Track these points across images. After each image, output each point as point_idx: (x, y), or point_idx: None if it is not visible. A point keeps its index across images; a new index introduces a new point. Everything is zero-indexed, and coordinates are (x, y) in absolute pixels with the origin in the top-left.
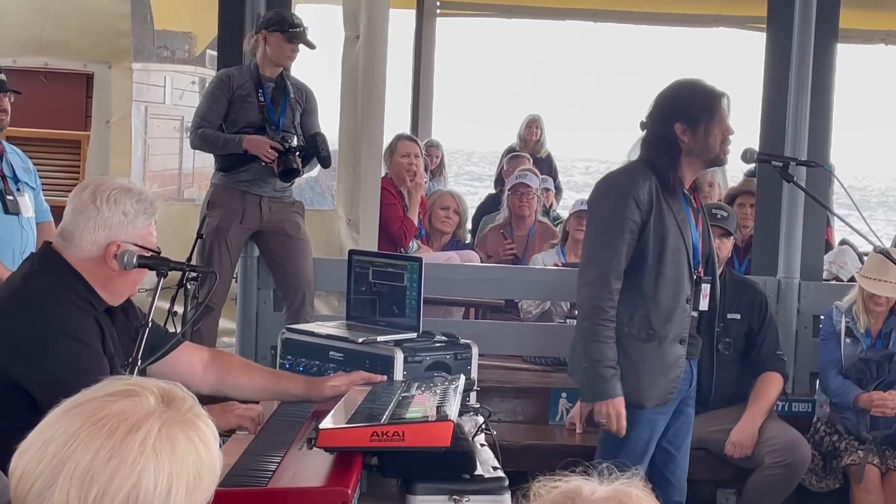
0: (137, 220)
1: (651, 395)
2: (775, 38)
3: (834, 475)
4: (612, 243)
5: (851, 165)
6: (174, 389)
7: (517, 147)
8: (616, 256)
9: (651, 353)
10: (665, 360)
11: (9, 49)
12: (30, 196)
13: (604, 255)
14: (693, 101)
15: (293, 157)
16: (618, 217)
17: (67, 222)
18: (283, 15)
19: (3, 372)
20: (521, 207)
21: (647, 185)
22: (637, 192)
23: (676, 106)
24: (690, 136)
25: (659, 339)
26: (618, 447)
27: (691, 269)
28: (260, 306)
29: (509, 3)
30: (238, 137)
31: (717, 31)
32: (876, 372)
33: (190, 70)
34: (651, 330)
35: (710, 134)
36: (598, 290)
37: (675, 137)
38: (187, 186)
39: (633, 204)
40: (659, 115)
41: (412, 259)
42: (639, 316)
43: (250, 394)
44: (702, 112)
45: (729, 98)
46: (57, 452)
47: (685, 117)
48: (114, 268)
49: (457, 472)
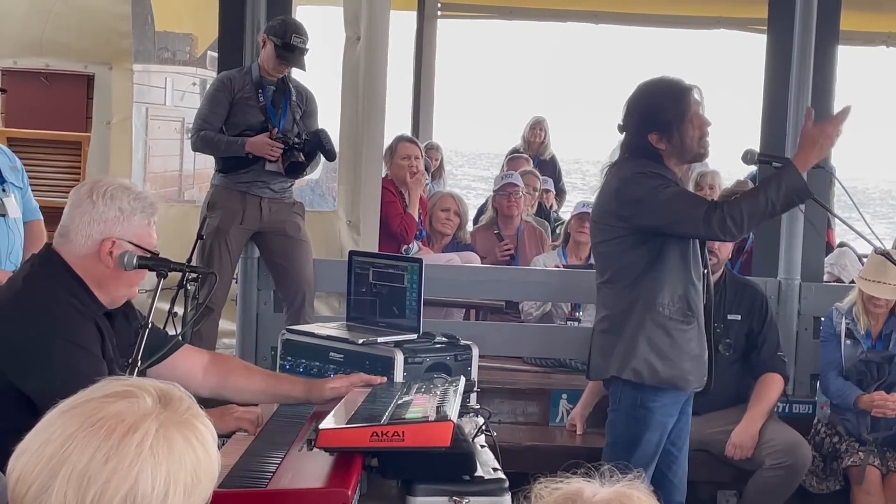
0: (133, 218)
1: (693, 378)
2: (776, 40)
3: (834, 477)
4: (683, 194)
5: (852, 167)
6: (172, 390)
7: (521, 149)
8: (696, 198)
9: (691, 335)
10: (700, 342)
11: (10, 50)
12: (16, 196)
13: (688, 206)
14: (662, 107)
15: (297, 152)
16: (662, 181)
17: (65, 218)
18: (287, 30)
19: (1, 374)
20: (508, 207)
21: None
22: (656, 170)
23: (648, 116)
24: (667, 143)
25: (696, 321)
26: (628, 451)
27: (700, 260)
28: (260, 307)
29: (510, 4)
30: (240, 140)
31: (719, 33)
32: (877, 373)
33: (191, 71)
34: (689, 311)
35: (686, 136)
36: (712, 221)
37: (652, 147)
38: (188, 187)
39: (660, 175)
40: (633, 125)
41: (412, 260)
42: (678, 297)
43: (250, 396)
44: (673, 117)
45: (699, 89)
46: (54, 454)
47: (657, 126)
48: (108, 265)
49: (457, 474)
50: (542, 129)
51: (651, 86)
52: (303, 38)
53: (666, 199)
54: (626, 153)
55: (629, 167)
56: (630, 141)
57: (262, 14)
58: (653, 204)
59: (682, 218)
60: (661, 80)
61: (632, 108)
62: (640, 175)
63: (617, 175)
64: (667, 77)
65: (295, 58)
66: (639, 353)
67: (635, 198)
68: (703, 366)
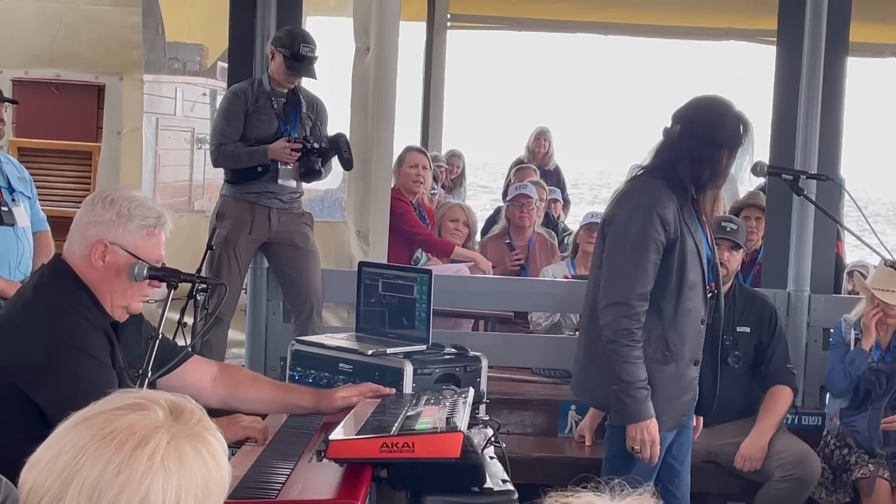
0: (131, 225)
1: (666, 418)
2: (786, 52)
3: (844, 489)
4: (639, 264)
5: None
6: (183, 402)
7: (525, 159)
8: (643, 277)
9: (667, 376)
10: (680, 382)
11: (21, 60)
12: (25, 206)
13: (631, 276)
14: (737, 131)
15: (314, 158)
16: (644, 237)
17: (72, 224)
18: (294, 40)
19: (12, 384)
20: (521, 218)
21: (672, 204)
22: (663, 212)
23: (726, 132)
24: (727, 163)
25: (676, 362)
26: (626, 467)
27: (705, 287)
28: (269, 317)
29: (520, 16)
30: (262, 148)
31: (728, 45)
32: (885, 384)
33: (201, 82)
34: (668, 352)
35: (730, 165)
36: (626, 311)
37: (718, 161)
38: (197, 198)
39: (659, 224)
40: (703, 133)
41: (422, 271)
42: (655, 337)
43: (259, 407)
44: (738, 144)
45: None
46: (66, 467)
47: (731, 144)
48: (98, 268)
49: (466, 485)
50: (547, 140)
51: (731, 106)
52: (311, 46)
53: (624, 254)
54: (667, 160)
55: (641, 191)
56: (694, 148)
57: (272, 24)
58: (614, 247)
59: (608, 282)
60: (735, 107)
61: (706, 117)
62: (637, 208)
63: (632, 196)
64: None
65: (304, 67)
66: (607, 383)
67: (615, 233)
68: (682, 406)
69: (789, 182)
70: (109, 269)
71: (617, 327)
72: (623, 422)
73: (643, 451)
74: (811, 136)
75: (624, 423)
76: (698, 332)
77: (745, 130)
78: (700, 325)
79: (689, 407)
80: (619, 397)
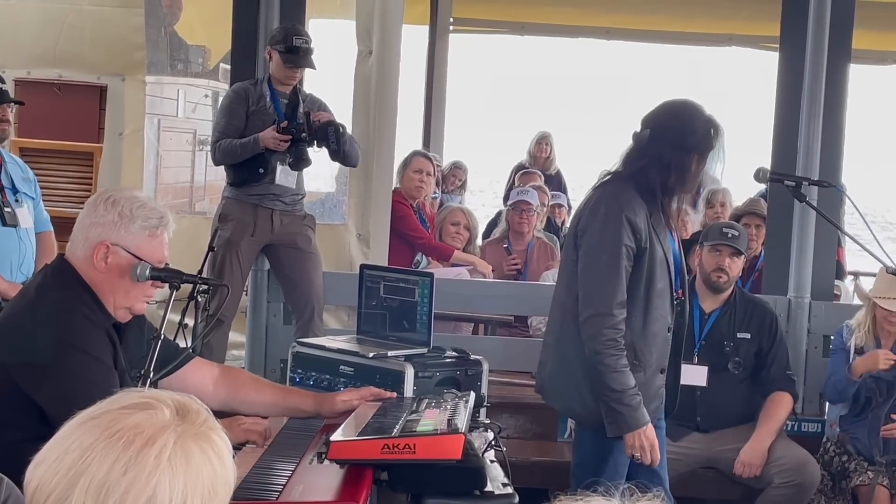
0: (133, 226)
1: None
2: (788, 58)
3: (843, 496)
4: (617, 273)
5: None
6: (189, 402)
7: (527, 164)
8: (621, 286)
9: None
10: (648, 390)
11: (23, 61)
12: (29, 207)
13: (609, 285)
14: (707, 135)
15: (303, 147)
16: (617, 246)
17: (74, 225)
18: (287, 34)
19: (13, 383)
20: (520, 224)
21: (642, 211)
22: (634, 219)
23: (696, 137)
24: (697, 168)
25: (644, 370)
26: (596, 472)
27: (672, 294)
28: (270, 319)
29: (522, 20)
30: (253, 138)
31: (730, 51)
32: (886, 392)
33: (203, 83)
34: (636, 360)
35: (700, 170)
36: (608, 321)
37: (688, 166)
38: (199, 199)
39: (630, 231)
40: (674, 139)
41: (423, 274)
42: (625, 345)
43: (260, 409)
44: (708, 149)
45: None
46: (72, 465)
47: (701, 149)
48: (101, 269)
49: (467, 488)
50: (548, 144)
51: (700, 109)
52: (304, 37)
53: (601, 264)
54: (637, 165)
55: (612, 197)
56: (663, 152)
57: (275, 26)
58: (590, 257)
59: (587, 294)
60: (705, 110)
61: (674, 122)
62: (609, 216)
63: (604, 203)
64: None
65: (301, 58)
66: (578, 390)
67: (590, 243)
68: (651, 412)
69: (791, 188)
70: (112, 270)
71: (602, 338)
72: (620, 432)
73: (643, 456)
74: (813, 142)
75: (622, 433)
76: (665, 341)
77: (716, 134)
78: (667, 333)
79: (658, 415)
80: (613, 407)
